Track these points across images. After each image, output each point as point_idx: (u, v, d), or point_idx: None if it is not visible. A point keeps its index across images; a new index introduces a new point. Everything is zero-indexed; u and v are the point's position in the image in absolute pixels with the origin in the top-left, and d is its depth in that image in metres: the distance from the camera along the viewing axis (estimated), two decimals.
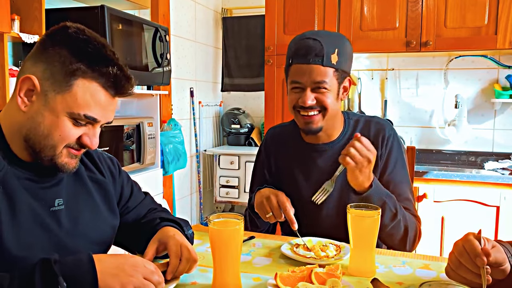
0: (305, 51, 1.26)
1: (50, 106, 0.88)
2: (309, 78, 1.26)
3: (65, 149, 0.92)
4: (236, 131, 3.65)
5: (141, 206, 1.19)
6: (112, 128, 2.08)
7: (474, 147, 2.83)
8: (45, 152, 0.90)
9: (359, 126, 1.39)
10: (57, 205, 0.95)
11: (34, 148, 0.90)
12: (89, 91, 0.89)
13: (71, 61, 0.87)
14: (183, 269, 0.97)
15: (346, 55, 1.30)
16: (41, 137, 0.89)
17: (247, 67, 3.73)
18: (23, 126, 0.90)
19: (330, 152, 1.37)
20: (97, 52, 0.89)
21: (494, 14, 2.35)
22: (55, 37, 0.90)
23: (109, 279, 0.80)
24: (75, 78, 0.87)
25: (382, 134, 1.36)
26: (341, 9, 2.61)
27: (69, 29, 0.90)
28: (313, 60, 1.25)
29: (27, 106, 0.89)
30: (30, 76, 0.87)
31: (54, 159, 0.91)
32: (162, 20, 2.81)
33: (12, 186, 0.88)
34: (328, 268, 0.99)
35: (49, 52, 0.88)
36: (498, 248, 0.87)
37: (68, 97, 0.88)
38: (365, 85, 3.05)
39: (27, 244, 0.88)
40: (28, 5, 1.82)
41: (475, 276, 0.85)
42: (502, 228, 2.29)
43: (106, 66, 0.89)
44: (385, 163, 1.34)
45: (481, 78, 2.80)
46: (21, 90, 0.88)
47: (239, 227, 0.95)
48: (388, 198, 1.24)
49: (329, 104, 1.28)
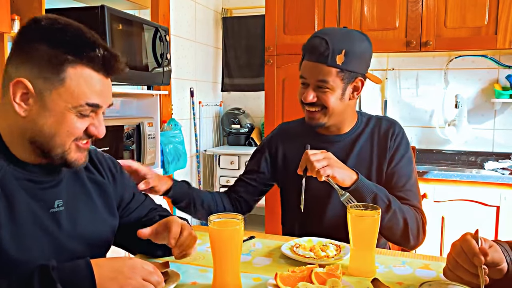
0: (312, 49, 1.29)
1: (49, 106, 0.86)
2: (312, 76, 1.29)
3: (73, 144, 0.91)
4: (236, 131, 3.65)
5: (142, 206, 1.19)
6: (112, 128, 2.08)
7: (474, 147, 2.83)
8: (55, 151, 0.89)
9: (370, 123, 1.42)
10: (57, 206, 0.94)
11: (42, 149, 0.89)
12: (82, 78, 0.87)
13: (55, 54, 0.85)
14: (184, 241, 0.97)
15: (357, 55, 1.30)
16: (48, 137, 0.88)
17: (247, 67, 3.73)
18: (26, 130, 0.88)
19: (342, 144, 1.39)
20: (77, 39, 0.87)
21: (494, 14, 2.35)
22: (29, 34, 0.87)
23: (108, 283, 0.80)
24: (65, 70, 0.86)
25: (392, 130, 1.39)
26: (341, 9, 2.61)
27: (41, 22, 0.87)
28: (318, 59, 1.28)
29: (26, 111, 0.86)
30: (20, 79, 0.85)
31: (64, 156, 0.90)
32: (162, 20, 2.81)
33: (11, 187, 0.87)
34: (328, 268, 0.99)
35: (29, 51, 0.86)
36: (496, 247, 0.87)
37: (64, 92, 0.86)
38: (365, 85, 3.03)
39: (26, 246, 0.87)
40: (28, 5, 1.83)
41: (473, 277, 0.85)
42: (502, 228, 2.29)
43: (92, 50, 0.87)
44: (392, 156, 1.37)
45: (481, 78, 2.80)
46: (15, 95, 0.86)
47: (239, 227, 0.95)
48: (378, 189, 1.26)
49: (330, 103, 1.30)
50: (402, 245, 1.32)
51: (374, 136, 1.40)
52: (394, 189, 1.33)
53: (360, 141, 1.39)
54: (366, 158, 1.38)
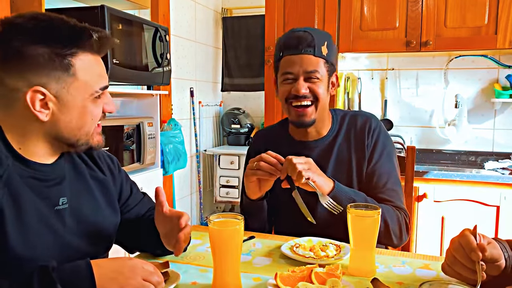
0: (297, 42, 1.29)
1: (70, 103, 0.89)
2: (301, 67, 1.29)
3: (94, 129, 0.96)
4: (236, 131, 3.65)
5: (141, 204, 1.20)
6: (112, 128, 2.08)
7: (474, 147, 2.83)
8: (81, 140, 0.94)
9: (345, 121, 1.41)
10: (61, 204, 0.95)
11: (69, 141, 0.93)
12: (87, 66, 0.90)
13: (58, 53, 0.86)
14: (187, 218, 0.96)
15: (333, 49, 1.35)
16: (75, 130, 0.92)
17: (247, 67, 3.73)
18: (50, 131, 0.91)
19: (319, 149, 1.38)
20: (71, 30, 0.89)
21: (494, 14, 2.35)
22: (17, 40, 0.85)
23: (108, 283, 0.80)
24: (71, 64, 0.88)
25: (368, 125, 1.38)
26: (341, 9, 2.61)
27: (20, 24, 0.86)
28: (305, 50, 1.28)
29: (48, 115, 0.89)
30: (36, 88, 0.85)
31: (89, 142, 0.95)
32: (162, 20, 2.81)
33: (17, 186, 0.88)
34: (328, 268, 0.99)
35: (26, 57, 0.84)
36: (494, 244, 0.88)
37: (78, 85, 0.89)
38: (365, 85, 3.05)
39: (32, 243, 0.88)
40: (28, 5, 1.82)
41: (470, 272, 0.86)
42: (502, 228, 2.29)
43: (87, 35, 0.89)
44: (371, 154, 1.36)
45: (481, 78, 2.80)
46: (34, 104, 0.86)
47: (239, 227, 0.95)
48: (355, 195, 1.26)
49: (321, 94, 1.31)
50: (386, 245, 1.33)
51: (350, 134, 1.39)
52: (376, 190, 1.33)
53: (338, 143, 1.38)
54: (345, 161, 1.37)
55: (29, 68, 0.85)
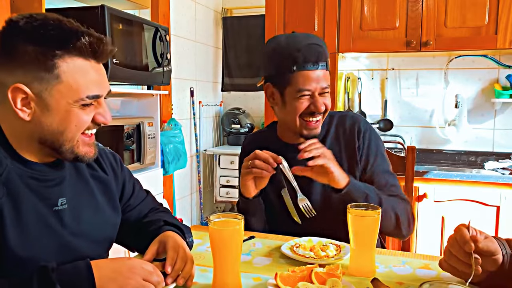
0: (316, 57, 1.26)
1: (52, 105, 0.86)
2: (317, 84, 1.27)
3: (81, 137, 0.91)
4: (236, 131, 3.65)
5: (143, 204, 1.19)
6: (112, 128, 2.08)
7: (474, 147, 2.83)
8: (65, 146, 0.90)
9: (334, 122, 1.41)
10: (60, 204, 0.94)
11: (53, 146, 0.90)
12: (76, 70, 0.87)
13: (43, 52, 0.84)
14: (179, 267, 0.95)
15: None
16: (57, 134, 0.89)
17: (247, 67, 3.73)
18: (34, 133, 0.89)
19: None
20: (59, 30, 0.86)
21: (494, 14, 2.35)
22: (11, 37, 0.85)
23: (108, 284, 0.80)
24: (56, 66, 0.85)
25: (358, 126, 1.39)
26: (341, 9, 2.61)
27: (19, 22, 0.85)
28: (322, 65, 1.28)
29: (29, 115, 0.86)
30: (17, 85, 0.84)
31: (74, 151, 0.91)
32: (162, 20, 2.81)
33: (16, 186, 0.87)
34: (328, 268, 0.99)
35: (16, 55, 0.85)
36: (491, 239, 0.89)
37: (62, 88, 0.86)
38: (365, 85, 3.05)
39: (31, 244, 0.88)
40: (28, 5, 1.82)
41: (466, 266, 0.87)
42: (502, 228, 2.29)
43: (77, 38, 0.86)
44: (366, 156, 1.37)
45: (481, 78, 2.80)
46: (15, 102, 0.85)
47: (239, 227, 0.95)
48: (368, 189, 1.26)
49: (329, 106, 1.31)
50: (395, 237, 1.35)
51: (339, 134, 1.39)
52: (379, 190, 1.33)
53: (327, 144, 1.38)
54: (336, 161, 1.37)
55: (17, 66, 0.85)
